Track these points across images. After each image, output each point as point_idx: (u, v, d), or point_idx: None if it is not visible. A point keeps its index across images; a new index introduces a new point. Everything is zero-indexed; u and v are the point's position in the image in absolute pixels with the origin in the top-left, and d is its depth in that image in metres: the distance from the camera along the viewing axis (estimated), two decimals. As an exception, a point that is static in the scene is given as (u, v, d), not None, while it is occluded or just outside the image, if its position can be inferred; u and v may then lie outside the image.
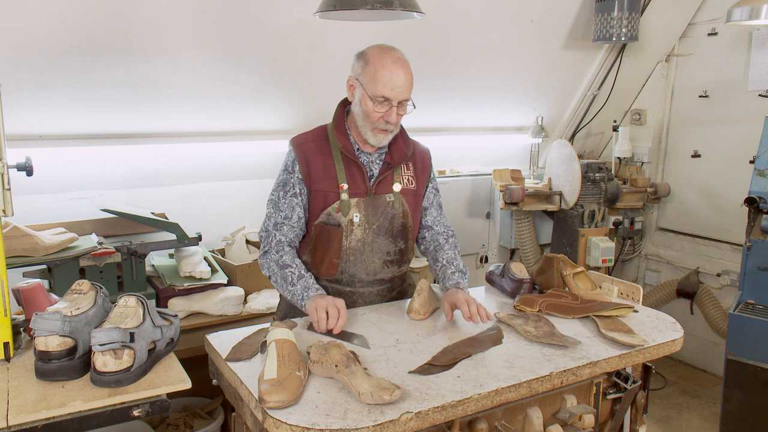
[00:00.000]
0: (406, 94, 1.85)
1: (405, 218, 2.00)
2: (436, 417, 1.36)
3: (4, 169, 1.46)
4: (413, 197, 2.03)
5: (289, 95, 3.01)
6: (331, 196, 1.92)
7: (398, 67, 1.83)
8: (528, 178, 3.85)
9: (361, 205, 1.93)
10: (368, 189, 1.95)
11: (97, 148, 2.65)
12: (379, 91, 1.82)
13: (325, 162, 1.93)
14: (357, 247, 1.95)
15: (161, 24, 2.47)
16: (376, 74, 1.82)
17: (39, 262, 2.21)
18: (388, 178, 1.98)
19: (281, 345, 1.47)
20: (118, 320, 1.44)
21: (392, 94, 1.82)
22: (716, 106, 3.72)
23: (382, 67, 1.82)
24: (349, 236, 1.94)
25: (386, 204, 1.96)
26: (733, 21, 2.79)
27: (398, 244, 2.01)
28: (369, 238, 1.96)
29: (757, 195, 2.81)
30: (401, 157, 1.99)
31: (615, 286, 2.09)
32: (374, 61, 1.84)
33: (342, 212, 1.92)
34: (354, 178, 1.93)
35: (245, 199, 3.09)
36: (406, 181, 2.02)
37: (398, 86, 1.82)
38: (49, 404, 1.31)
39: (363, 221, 1.94)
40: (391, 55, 1.85)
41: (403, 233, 2.01)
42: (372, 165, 1.98)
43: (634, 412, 1.88)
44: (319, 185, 1.93)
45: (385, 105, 1.84)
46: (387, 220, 1.97)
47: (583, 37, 3.60)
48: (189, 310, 2.54)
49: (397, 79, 1.82)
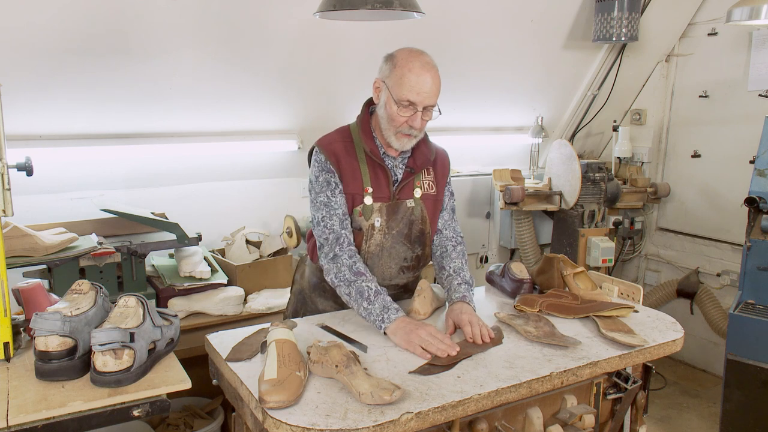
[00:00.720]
0: (432, 99, 1.82)
1: (423, 224, 1.99)
2: (436, 417, 1.36)
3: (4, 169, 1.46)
4: (433, 203, 2.01)
5: (289, 95, 3.01)
6: (356, 199, 1.90)
7: (425, 71, 1.80)
8: (528, 178, 3.85)
9: (383, 209, 1.91)
10: (391, 194, 1.93)
11: (97, 148, 2.65)
12: (404, 95, 1.79)
13: (352, 163, 1.91)
14: (375, 252, 1.93)
15: (161, 24, 2.47)
16: (402, 78, 1.79)
17: (39, 262, 2.21)
18: (409, 183, 1.96)
19: (281, 345, 1.47)
20: (118, 320, 1.44)
21: (418, 98, 1.80)
22: (716, 106, 3.72)
23: (409, 71, 1.79)
24: (368, 240, 1.92)
25: (406, 209, 1.95)
26: (733, 21, 2.79)
27: (415, 251, 1.99)
28: (388, 243, 1.94)
29: (757, 195, 2.81)
30: (424, 162, 1.98)
31: (615, 286, 2.09)
32: (402, 64, 1.81)
33: (365, 216, 1.90)
34: (378, 182, 1.92)
35: (245, 199, 3.10)
36: (426, 186, 2.00)
37: (424, 91, 1.80)
38: (49, 404, 1.31)
39: (383, 226, 1.92)
40: (419, 59, 1.82)
41: (421, 239, 1.99)
42: (396, 169, 1.96)
43: (635, 412, 1.88)
44: (347, 187, 1.90)
45: (410, 109, 1.81)
46: (406, 225, 1.95)
47: (583, 37, 3.60)
48: (189, 310, 2.54)
49: (423, 83, 1.79)
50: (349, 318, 1.87)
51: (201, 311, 2.57)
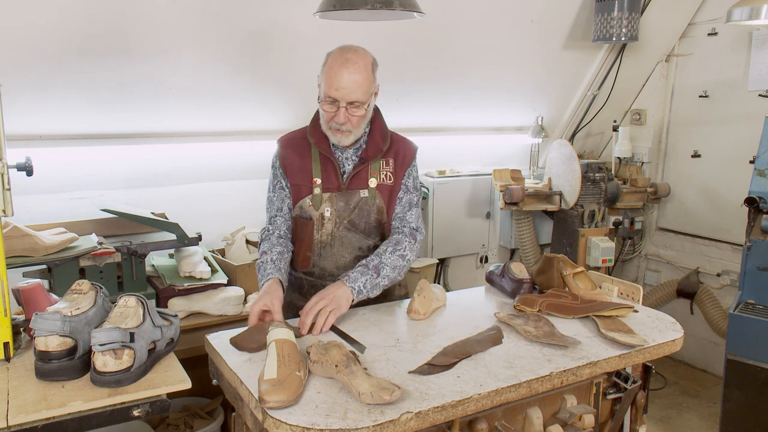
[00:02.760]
0: (354, 95, 1.83)
1: (380, 214, 2.00)
2: (436, 417, 1.36)
3: (4, 169, 1.46)
4: (389, 193, 2.01)
5: (289, 95, 3.01)
6: (304, 190, 1.98)
7: (344, 68, 1.82)
8: (528, 178, 3.85)
9: (333, 199, 1.97)
10: (341, 184, 1.97)
11: (97, 148, 2.65)
12: (327, 92, 1.85)
13: (303, 158, 1.99)
14: (327, 241, 1.99)
15: (161, 24, 2.47)
16: (326, 75, 1.85)
17: (39, 262, 2.21)
18: (362, 173, 1.98)
19: (281, 345, 1.47)
20: (118, 320, 1.44)
21: (338, 94, 1.83)
22: (716, 106, 3.72)
23: (330, 68, 1.84)
24: (320, 230, 1.98)
25: (359, 199, 1.98)
26: (733, 21, 2.79)
27: (371, 240, 2.02)
28: (339, 232, 1.98)
29: (757, 195, 2.81)
30: (376, 152, 1.99)
31: (615, 286, 2.09)
32: (329, 61, 1.86)
33: (314, 206, 1.96)
34: (328, 174, 1.97)
35: (245, 199, 3.09)
36: (383, 176, 2.00)
37: (343, 87, 1.82)
38: (49, 404, 1.31)
39: (334, 215, 1.97)
40: (342, 55, 1.84)
41: (377, 229, 2.02)
42: (347, 161, 2.00)
43: (634, 412, 1.88)
44: (294, 179, 1.99)
45: (333, 105, 1.85)
46: (360, 215, 1.98)
47: (583, 37, 3.59)
48: (189, 310, 2.54)
49: (341, 80, 1.81)
50: (349, 317, 1.87)
51: (201, 311, 2.57)
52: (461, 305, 2.02)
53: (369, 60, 1.88)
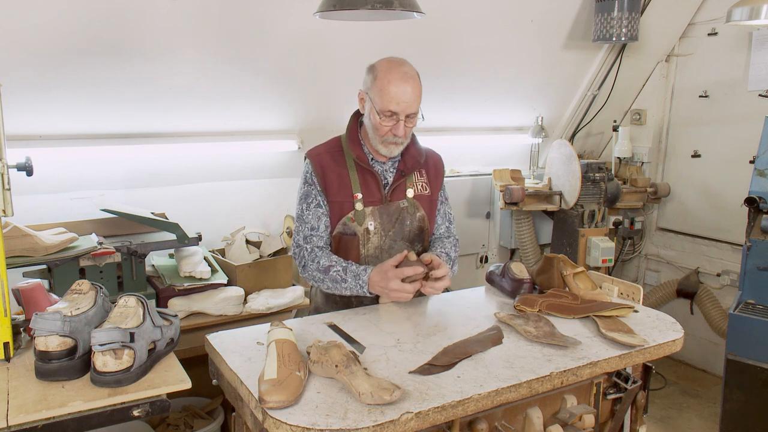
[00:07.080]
0: (413, 107, 1.88)
1: (422, 222, 2.04)
2: (436, 417, 1.36)
3: (4, 169, 1.46)
4: (428, 202, 2.07)
5: (289, 95, 3.01)
6: (346, 206, 1.97)
7: (404, 82, 1.85)
8: (528, 178, 3.85)
9: (375, 213, 1.97)
10: (383, 197, 1.99)
11: (97, 148, 2.65)
12: (386, 106, 1.85)
13: (340, 173, 1.98)
14: (375, 254, 1.99)
15: (161, 24, 2.47)
16: (383, 89, 1.85)
17: (39, 262, 2.21)
18: (401, 185, 2.03)
19: (281, 345, 1.47)
20: (118, 320, 1.44)
21: (399, 108, 1.85)
22: (716, 106, 3.72)
23: (389, 83, 1.85)
24: (366, 244, 1.98)
25: (400, 209, 2.00)
26: (733, 21, 2.79)
27: (416, 248, 2.05)
28: (386, 244, 2.00)
29: (757, 195, 2.81)
30: (414, 164, 2.03)
31: (615, 286, 2.09)
32: (382, 76, 1.87)
33: (357, 221, 1.96)
34: (369, 187, 1.98)
35: (245, 199, 3.10)
36: (420, 187, 2.06)
37: (404, 101, 1.85)
38: (49, 404, 1.31)
39: (378, 228, 1.98)
40: (398, 69, 1.87)
41: (420, 236, 2.05)
42: (386, 173, 2.02)
43: (635, 412, 1.88)
44: (335, 196, 1.97)
45: (392, 119, 1.87)
46: (402, 225, 2.00)
47: (583, 37, 3.59)
48: (189, 310, 2.54)
49: (403, 94, 1.85)
50: (350, 317, 1.87)
51: (201, 311, 2.56)
52: (461, 305, 2.03)
53: (416, 70, 1.93)
